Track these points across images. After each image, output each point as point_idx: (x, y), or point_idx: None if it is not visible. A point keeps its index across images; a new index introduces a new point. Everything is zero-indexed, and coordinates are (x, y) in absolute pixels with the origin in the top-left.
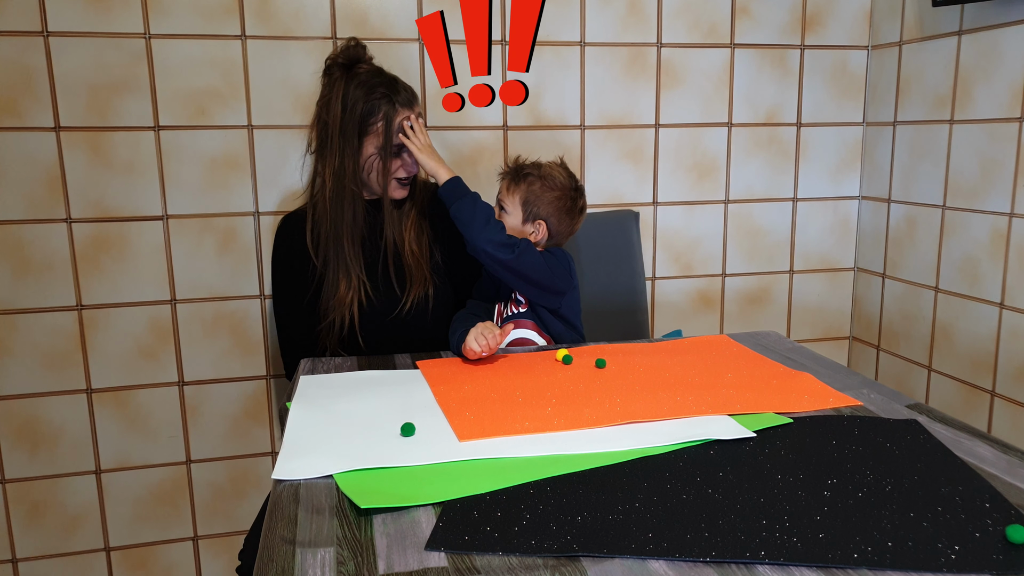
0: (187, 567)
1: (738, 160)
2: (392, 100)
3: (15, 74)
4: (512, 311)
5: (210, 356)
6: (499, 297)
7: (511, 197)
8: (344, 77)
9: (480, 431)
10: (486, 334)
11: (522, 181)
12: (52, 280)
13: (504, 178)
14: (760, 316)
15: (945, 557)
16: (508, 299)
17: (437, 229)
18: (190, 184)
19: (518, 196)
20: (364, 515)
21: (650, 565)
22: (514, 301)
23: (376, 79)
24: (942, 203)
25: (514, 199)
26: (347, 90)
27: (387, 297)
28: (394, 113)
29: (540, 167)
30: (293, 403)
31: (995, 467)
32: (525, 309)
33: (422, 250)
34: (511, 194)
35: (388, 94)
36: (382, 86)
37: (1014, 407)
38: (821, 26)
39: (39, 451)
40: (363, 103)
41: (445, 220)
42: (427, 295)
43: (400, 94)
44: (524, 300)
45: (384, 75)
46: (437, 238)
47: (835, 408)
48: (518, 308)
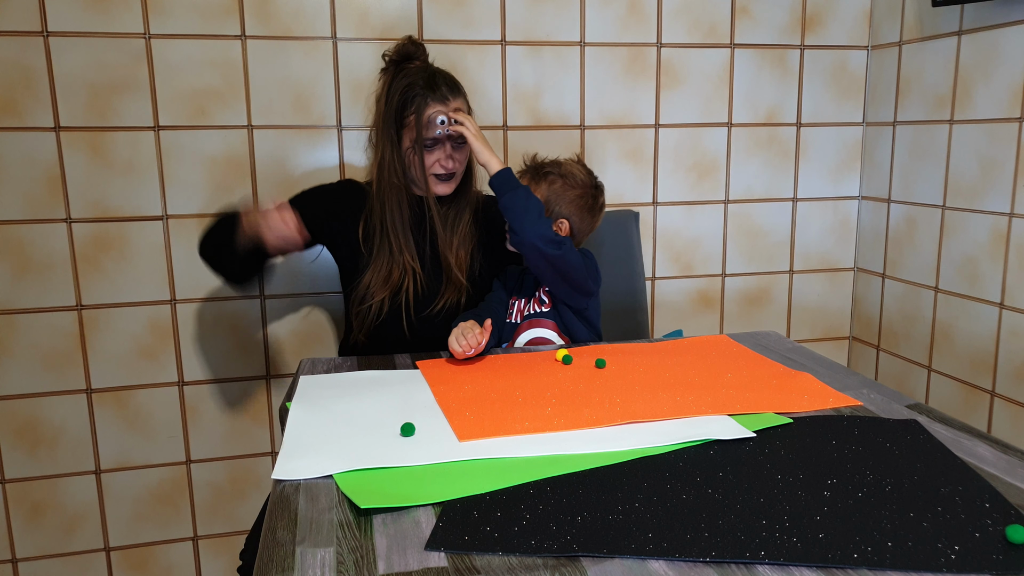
0: (187, 567)
1: (738, 160)
2: (426, 94)
3: (15, 74)
4: (534, 310)
5: (210, 356)
6: (520, 293)
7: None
8: (394, 73)
9: (480, 431)
10: (467, 334)
11: (543, 180)
12: (52, 280)
13: (523, 176)
14: (760, 316)
15: (945, 557)
16: (530, 297)
17: (483, 241)
18: (190, 184)
19: (539, 195)
20: (364, 515)
21: (650, 565)
22: (537, 300)
23: (418, 75)
24: (942, 203)
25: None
26: (392, 85)
27: (422, 295)
28: (425, 107)
29: (560, 165)
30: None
31: (995, 467)
32: (548, 309)
33: (466, 257)
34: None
35: (424, 88)
36: (420, 80)
37: (1014, 407)
38: (821, 26)
39: (39, 451)
40: (399, 96)
41: (492, 234)
42: (459, 302)
43: (437, 90)
44: (548, 300)
45: (428, 71)
46: (482, 250)
47: (835, 408)
48: (540, 307)
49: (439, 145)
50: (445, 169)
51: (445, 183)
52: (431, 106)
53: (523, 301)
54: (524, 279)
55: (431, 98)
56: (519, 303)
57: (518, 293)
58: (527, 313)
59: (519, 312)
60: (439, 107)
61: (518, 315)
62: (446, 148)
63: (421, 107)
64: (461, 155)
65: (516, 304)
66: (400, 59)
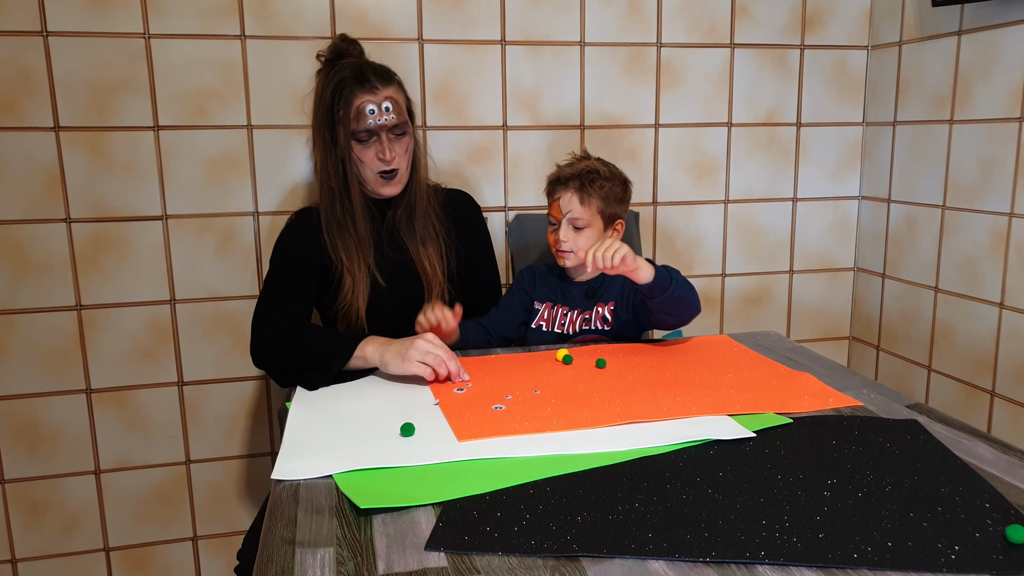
0: (187, 567)
1: (738, 160)
2: (353, 87)
3: (15, 74)
4: (597, 326)
5: (210, 356)
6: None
7: (588, 208)
8: (327, 72)
9: (479, 431)
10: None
11: (592, 187)
12: (51, 280)
13: (567, 190)
14: (760, 316)
15: (945, 557)
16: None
17: (452, 236)
18: (190, 184)
19: (595, 204)
20: (364, 515)
21: (650, 565)
22: (600, 317)
23: (348, 69)
24: (942, 203)
25: (591, 209)
26: (324, 84)
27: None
28: (353, 98)
29: (596, 169)
30: (293, 403)
31: (995, 467)
32: (609, 328)
33: (438, 256)
34: (587, 206)
35: (352, 81)
36: (349, 74)
37: (1014, 407)
38: (821, 26)
39: (39, 451)
40: (330, 94)
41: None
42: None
43: (365, 81)
44: (611, 318)
45: (358, 64)
46: (452, 246)
47: (835, 408)
48: (604, 326)
49: (374, 138)
50: (385, 163)
51: (389, 183)
52: (359, 96)
53: (575, 312)
54: (568, 288)
55: (359, 89)
56: (569, 313)
57: (560, 300)
58: (587, 329)
59: (571, 323)
60: (367, 97)
61: (570, 326)
62: (382, 140)
63: (349, 99)
64: (400, 147)
65: (560, 312)
66: (334, 57)
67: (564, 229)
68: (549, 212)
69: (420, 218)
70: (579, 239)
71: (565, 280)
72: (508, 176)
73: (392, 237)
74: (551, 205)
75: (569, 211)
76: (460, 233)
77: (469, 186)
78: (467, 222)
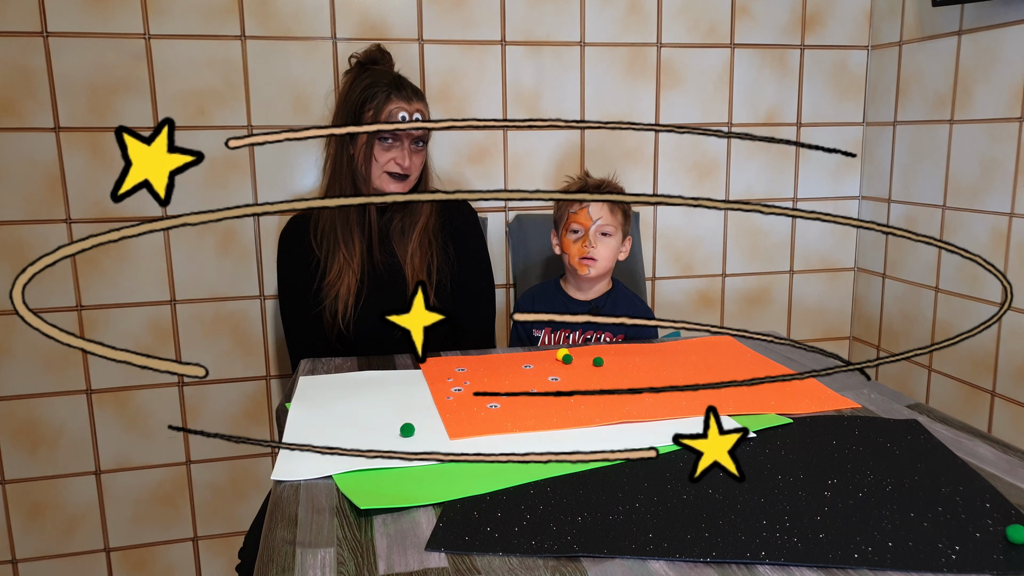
0: (187, 567)
1: (738, 160)
2: (388, 91)
3: (15, 74)
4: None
5: (210, 356)
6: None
7: (615, 218)
8: (357, 72)
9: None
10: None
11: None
12: (52, 280)
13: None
14: (760, 316)
15: (945, 557)
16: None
17: (448, 253)
18: (190, 184)
19: (619, 215)
20: (364, 515)
21: (650, 565)
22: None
23: (384, 76)
24: (942, 203)
25: (617, 219)
26: (354, 82)
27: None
28: (387, 102)
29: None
30: (293, 403)
31: (995, 467)
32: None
33: (424, 270)
34: (615, 215)
35: (388, 86)
36: (385, 80)
37: (1014, 407)
38: (821, 26)
39: (39, 451)
40: (360, 93)
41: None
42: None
43: (402, 89)
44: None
45: (394, 74)
46: (447, 261)
47: (835, 408)
48: (613, 338)
49: (397, 143)
50: (401, 168)
51: (398, 182)
52: (393, 101)
53: (576, 334)
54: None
55: (395, 95)
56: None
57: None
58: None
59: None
60: (402, 103)
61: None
62: (404, 147)
63: (382, 103)
64: (418, 159)
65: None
66: (367, 62)
67: (593, 236)
68: (571, 220)
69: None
70: (602, 248)
71: (569, 299)
72: (508, 176)
73: (383, 241)
74: (576, 213)
75: (600, 218)
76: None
77: (469, 186)
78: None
